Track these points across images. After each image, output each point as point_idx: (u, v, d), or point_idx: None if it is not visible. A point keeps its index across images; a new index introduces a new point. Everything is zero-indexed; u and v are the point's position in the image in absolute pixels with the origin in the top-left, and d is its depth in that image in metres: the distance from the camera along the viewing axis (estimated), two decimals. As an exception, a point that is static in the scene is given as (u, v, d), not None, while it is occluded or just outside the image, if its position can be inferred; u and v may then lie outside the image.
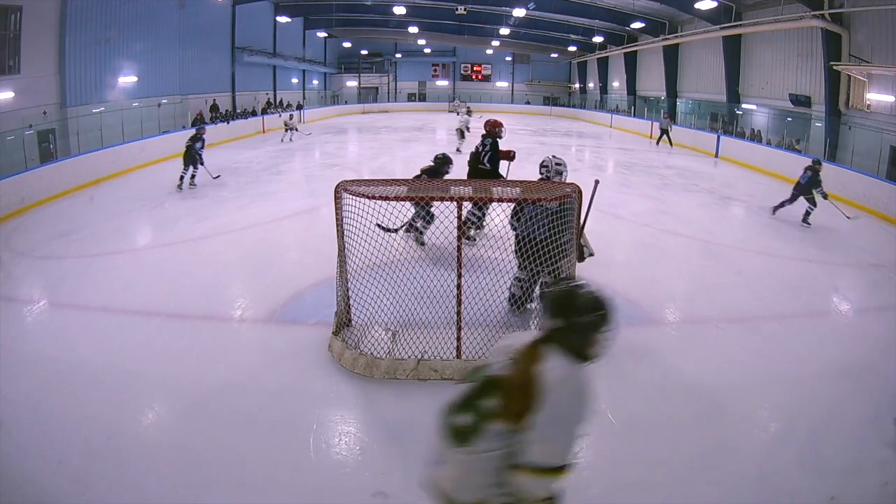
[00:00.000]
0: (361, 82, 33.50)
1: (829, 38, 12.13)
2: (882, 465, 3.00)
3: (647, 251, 6.80)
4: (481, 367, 1.71)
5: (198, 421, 3.30)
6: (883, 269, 6.43)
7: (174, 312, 4.78)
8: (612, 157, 15.78)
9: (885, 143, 10.79)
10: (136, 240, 7.32)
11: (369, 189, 3.85)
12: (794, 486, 2.84)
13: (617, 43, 24.86)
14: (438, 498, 1.66)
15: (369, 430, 3.28)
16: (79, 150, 11.38)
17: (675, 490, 2.79)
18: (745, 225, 8.45)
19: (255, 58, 21.75)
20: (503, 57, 33.89)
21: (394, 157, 14.81)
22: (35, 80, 11.23)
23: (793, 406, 3.61)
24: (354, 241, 3.95)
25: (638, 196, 9.99)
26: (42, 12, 11.18)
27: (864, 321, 5.09)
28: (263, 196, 9.46)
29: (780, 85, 14.97)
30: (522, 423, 1.51)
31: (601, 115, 26.47)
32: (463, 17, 22.26)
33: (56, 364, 3.91)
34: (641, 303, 5.08)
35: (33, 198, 8.79)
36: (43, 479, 2.80)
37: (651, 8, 19.48)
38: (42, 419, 3.27)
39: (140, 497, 2.71)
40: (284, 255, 6.48)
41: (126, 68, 14.15)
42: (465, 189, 3.98)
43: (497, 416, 1.55)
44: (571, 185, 4.11)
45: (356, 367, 3.77)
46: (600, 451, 3.10)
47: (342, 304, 4.23)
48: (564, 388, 1.53)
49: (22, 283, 5.60)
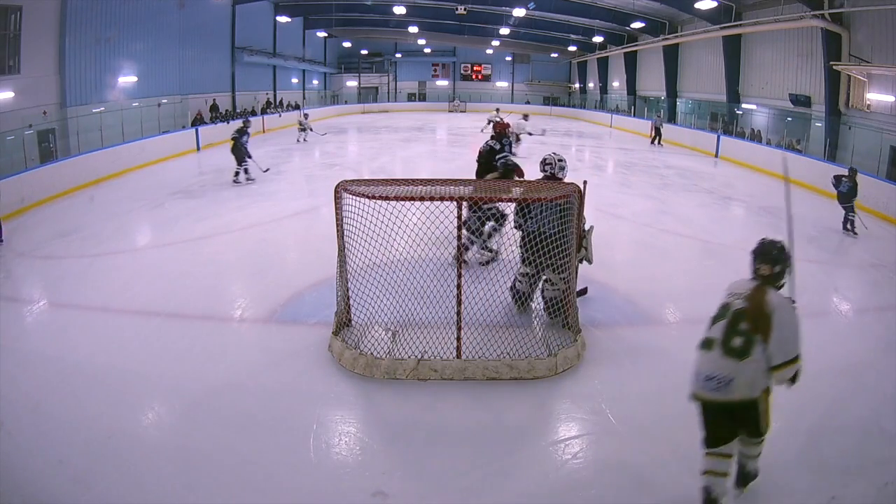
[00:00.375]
0: (361, 82, 33.49)
1: (829, 37, 12.12)
2: (882, 465, 3.00)
3: (647, 251, 6.80)
4: (726, 305, 2.53)
5: (198, 421, 3.30)
6: (883, 269, 6.43)
7: (174, 312, 4.78)
8: (612, 157, 15.78)
9: (885, 143, 10.78)
10: (136, 240, 7.32)
11: (369, 189, 3.85)
12: (794, 486, 2.84)
13: (617, 43, 24.85)
14: (729, 404, 2.43)
15: (369, 430, 3.28)
16: (79, 150, 11.37)
17: (675, 490, 2.79)
18: (745, 225, 8.45)
19: (255, 58, 21.74)
20: (503, 57, 33.88)
21: (394, 157, 14.81)
22: (35, 80, 11.23)
23: (793, 406, 3.60)
24: (354, 241, 3.95)
25: (638, 196, 9.99)
26: (42, 12, 11.18)
27: (864, 321, 5.09)
28: (263, 196, 9.46)
29: (780, 85, 14.97)
30: (769, 336, 2.35)
31: (601, 115, 26.45)
32: (463, 16, 22.25)
33: (56, 364, 3.91)
34: (641, 303, 5.08)
35: (33, 198, 8.79)
36: (43, 479, 2.80)
37: (651, 8, 19.48)
38: (42, 419, 3.27)
39: (140, 497, 2.71)
40: (284, 255, 6.48)
41: (126, 68, 14.14)
42: (467, 189, 3.98)
43: (753, 333, 2.37)
44: (572, 185, 4.13)
45: (356, 367, 3.77)
46: (600, 451, 3.10)
47: (342, 304, 4.23)
48: (784, 307, 2.41)
49: (22, 283, 5.60)
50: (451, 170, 12.28)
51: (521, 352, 3.88)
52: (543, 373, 3.74)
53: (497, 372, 3.71)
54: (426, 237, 3.85)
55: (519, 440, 3.17)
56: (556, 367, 3.78)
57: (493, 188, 4.26)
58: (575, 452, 3.06)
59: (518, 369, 3.72)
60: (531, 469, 2.94)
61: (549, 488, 2.80)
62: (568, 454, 3.04)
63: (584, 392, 3.63)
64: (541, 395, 3.59)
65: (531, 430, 3.29)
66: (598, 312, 4.78)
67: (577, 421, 3.38)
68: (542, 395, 3.59)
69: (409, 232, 3.88)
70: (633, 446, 3.12)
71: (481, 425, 3.31)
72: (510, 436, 3.19)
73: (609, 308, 4.94)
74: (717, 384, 2.41)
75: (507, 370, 3.71)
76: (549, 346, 4.01)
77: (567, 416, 3.45)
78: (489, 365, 3.73)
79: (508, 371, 3.71)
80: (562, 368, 3.81)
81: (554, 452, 3.07)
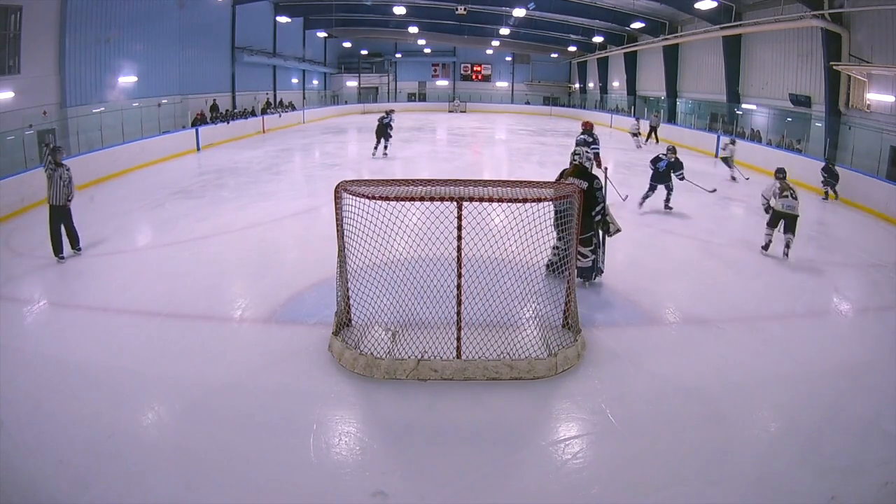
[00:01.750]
0: (361, 82, 33.49)
1: (829, 38, 12.12)
2: (882, 464, 3.00)
3: (647, 251, 6.80)
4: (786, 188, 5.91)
5: (198, 421, 3.30)
6: (883, 269, 6.43)
7: (174, 312, 4.78)
8: (612, 157, 15.76)
9: (885, 143, 10.78)
10: (136, 240, 7.32)
11: (369, 189, 3.85)
12: (794, 486, 2.84)
13: (617, 43, 24.85)
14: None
15: (369, 430, 3.28)
16: (79, 150, 11.37)
17: (675, 490, 2.79)
18: (745, 225, 8.45)
19: (254, 58, 21.74)
20: (503, 57, 33.87)
21: (394, 157, 14.81)
22: (35, 80, 11.22)
23: (793, 406, 3.61)
24: (354, 241, 3.95)
25: (638, 196, 9.97)
26: (42, 12, 11.17)
27: (864, 321, 5.09)
28: (263, 196, 9.47)
29: (780, 85, 14.96)
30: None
31: (601, 115, 26.45)
32: (463, 17, 22.25)
33: (56, 364, 3.91)
34: (641, 303, 5.09)
35: (33, 198, 8.77)
36: (43, 479, 2.80)
37: (651, 8, 19.47)
38: (42, 419, 3.27)
39: (140, 497, 2.71)
40: (284, 255, 6.48)
41: (126, 68, 14.13)
42: (467, 189, 3.98)
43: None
44: (572, 187, 4.15)
45: (356, 367, 3.77)
46: (600, 451, 3.10)
47: (342, 304, 4.23)
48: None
49: (22, 283, 5.59)
50: (451, 170, 12.29)
51: (521, 352, 3.88)
52: (543, 373, 3.74)
53: (497, 372, 3.71)
54: (426, 237, 3.85)
55: (519, 440, 3.17)
56: (556, 367, 3.78)
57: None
58: (575, 452, 3.06)
59: (518, 369, 3.72)
60: (531, 469, 2.94)
61: (549, 488, 2.80)
62: (568, 454, 3.04)
63: (584, 392, 3.63)
64: (541, 395, 3.59)
65: (531, 430, 3.29)
66: (598, 312, 4.78)
67: (577, 421, 3.38)
68: (542, 395, 3.59)
69: (409, 232, 3.88)
70: (633, 446, 3.12)
71: (481, 425, 3.31)
72: (510, 436, 3.19)
73: (609, 308, 4.95)
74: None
75: (507, 370, 3.71)
76: (549, 346, 4.01)
77: (567, 416, 3.45)
78: (489, 365, 3.73)
79: (508, 371, 3.71)
80: (562, 368, 3.81)
81: (554, 452, 3.07)
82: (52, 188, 6.10)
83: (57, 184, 6.09)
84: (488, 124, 22.81)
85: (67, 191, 6.17)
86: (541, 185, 4.40)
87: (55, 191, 6.09)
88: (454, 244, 3.72)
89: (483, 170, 13.34)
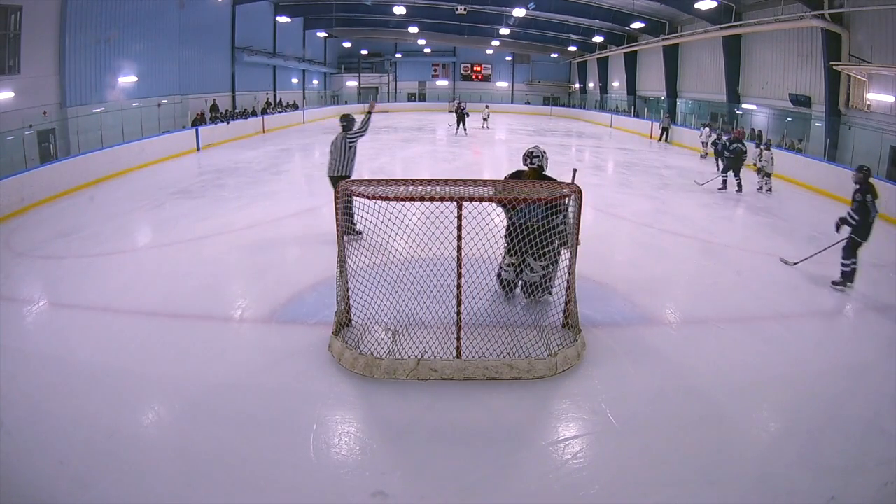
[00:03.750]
0: (361, 82, 33.50)
1: (829, 38, 12.12)
2: (882, 465, 3.00)
3: (647, 251, 6.80)
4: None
5: (198, 421, 3.30)
6: (883, 269, 6.43)
7: (174, 312, 4.78)
8: (612, 157, 15.79)
9: (885, 143, 10.79)
10: (136, 240, 7.32)
11: (369, 189, 3.85)
12: (794, 486, 2.83)
13: (617, 43, 24.85)
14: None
15: (369, 430, 3.28)
16: (79, 150, 11.38)
17: (675, 490, 2.79)
18: (745, 225, 8.45)
19: (254, 58, 21.74)
20: (503, 57, 33.88)
21: (394, 157, 14.82)
22: (35, 80, 11.22)
23: (793, 406, 3.61)
24: (354, 241, 3.95)
25: (638, 196, 9.99)
26: (42, 12, 11.18)
27: (864, 321, 5.10)
28: (263, 196, 9.47)
29: (780, 85, 14.96)
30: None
31: (601, 115, 26.47)
32: (463, 17, 22.27)
33: (56, 364, 3.91)
34: (641, 303, 5.08)
35: (33, 198, 8.79)
36: (43, 479, 2.79)
37: (651, 8, 19.48)
38: (42, 419, 3.27)
39: (140, 497, 2.71)
40: (284, 255, 6.48)
41: (126, 68, 14.13)
42: (467, 189, 3.98)
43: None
44: (571, 186, 4.15)
45: (356, 367, 3.77)
46: (600, 451, 3.10)
47: (342, 304, 4.23)
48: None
49: (22, 283, 5.59)
50: (451, 170, 12.29)
51: (521, 352, 3.88)
52: (543, 373, 3.74)
53: (497, 372, 3.71)
54: (426, 237, 3.85)
55: (519, 440, 3.16)
56: (556, 367, 3.78)
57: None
58: (575, 452, 3.05)
59: (518, 369, 3.72)
60: (531, 469, 2.94)
61: (549, 488, 2.80)
62: (568, 454, 3.04)
63: (584, 392, 3.63)
64: (541, 395, 3.59)
65: (531, 430, 3.29)
66: (598, 312, 4.78)
67: (577, 421, 3.38)
68: (542, 395, 3.59)
69: (409, 232, 3.88)
70: (633, 446, 3.12)
71: (481, 425, 3.31)
72: (510, 436, 3.19)
73: (609, 308, 4.95)
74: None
75: (507, 370, 3.71)
76: (549, 346, 4.01)
77: (567, 416, 3.45)
78: (489, 365, 3.73)
79: (508, 371, 3.71)
80: (562, 368, 3.81)
81: (554, 452, 3.07)
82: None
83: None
84: (488, 124, 22.84)
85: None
86: (540, 184, 4.40)
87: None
88: (454, 244, 3.72)
89: (483, 170, 13.35)
